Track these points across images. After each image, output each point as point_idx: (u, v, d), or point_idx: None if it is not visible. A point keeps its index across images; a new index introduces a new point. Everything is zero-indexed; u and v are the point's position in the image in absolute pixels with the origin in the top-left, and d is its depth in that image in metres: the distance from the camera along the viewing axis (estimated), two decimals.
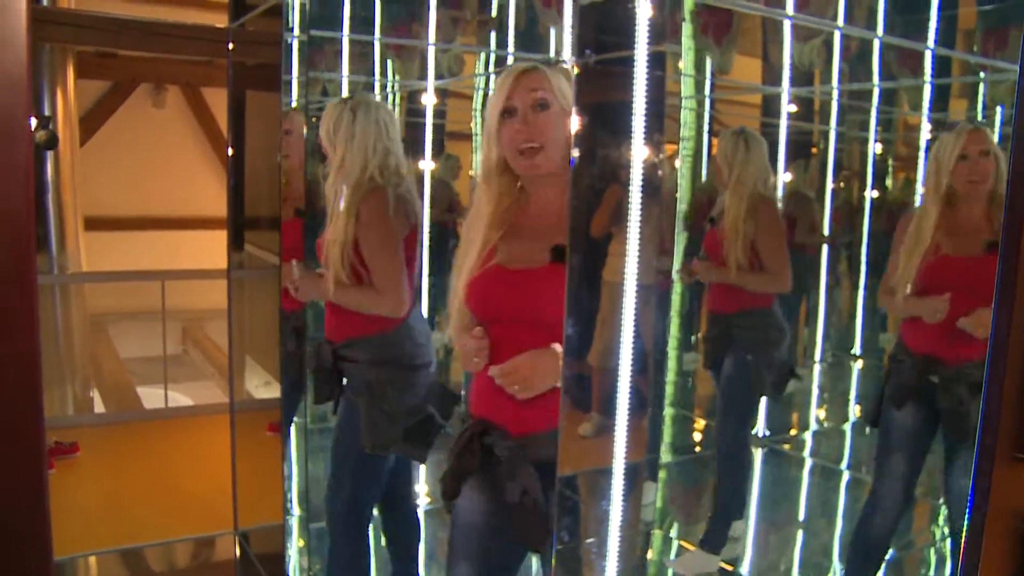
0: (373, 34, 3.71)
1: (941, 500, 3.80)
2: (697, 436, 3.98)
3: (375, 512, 2.57)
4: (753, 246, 2.99)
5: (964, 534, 1.38)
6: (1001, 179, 2.33)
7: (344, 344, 2.41)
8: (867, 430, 2.75)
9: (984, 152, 2.33)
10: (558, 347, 1.56)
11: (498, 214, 1.69)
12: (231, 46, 3.39)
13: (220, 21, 4.55)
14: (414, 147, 3.58)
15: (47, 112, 6.36)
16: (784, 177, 4.10)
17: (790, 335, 3.23)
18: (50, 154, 6.43)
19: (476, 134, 4.48)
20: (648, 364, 2.38)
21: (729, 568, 3.16)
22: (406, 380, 2.39)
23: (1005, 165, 2.33)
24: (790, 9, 3.67)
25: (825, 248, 4.60)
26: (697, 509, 3.72)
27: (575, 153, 1.65)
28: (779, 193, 4.05)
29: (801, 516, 3.86)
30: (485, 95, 4.43)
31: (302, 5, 2.96)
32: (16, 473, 0.89)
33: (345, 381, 2.47)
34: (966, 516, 1.42)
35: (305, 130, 2.88)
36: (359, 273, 2.34)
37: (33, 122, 0.93)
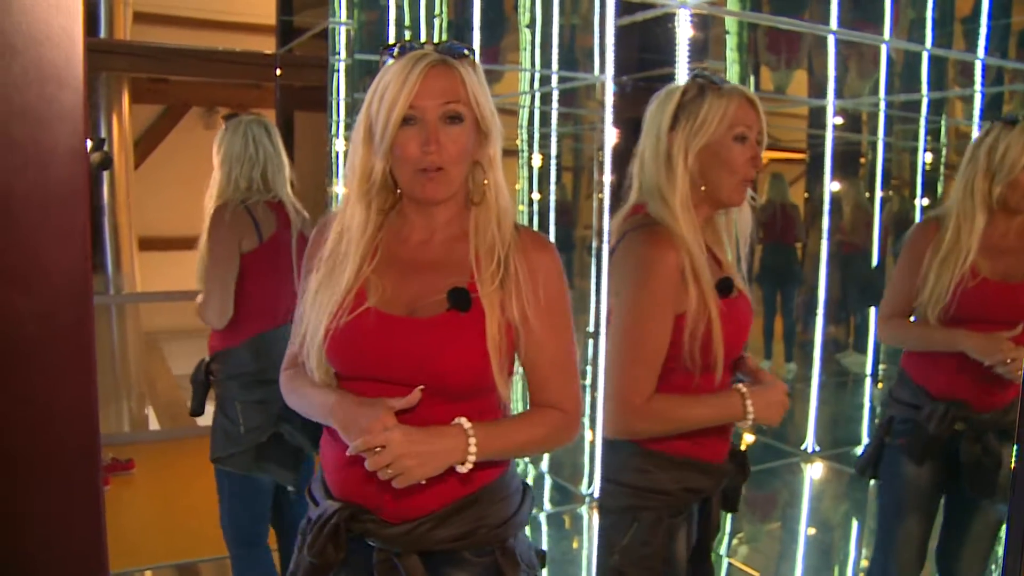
0: None
1: None
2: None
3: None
4: None
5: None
6: None
7: (212, 359, 2.44)
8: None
9: None
10: (465, 422, 1.24)
11: (371, 239, 1.31)
12: (279, 71, 3.49)
13: (265, 45, 4.65)
14: None
15: (103, 135, 6.55)
16: (833, 187, 4.06)
17: None
18: (106, 176, 6.61)
19: (522, 150, 4.51)
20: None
21: None
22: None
23: None
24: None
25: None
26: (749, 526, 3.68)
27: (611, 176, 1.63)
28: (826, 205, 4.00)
29: (835, 530, 3.79)
30: (531, 112, 4.46)
31: (347, 31, 3.03)
32: (73, 489, 0.91)
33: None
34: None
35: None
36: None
37: (88, 144, 0.97)
